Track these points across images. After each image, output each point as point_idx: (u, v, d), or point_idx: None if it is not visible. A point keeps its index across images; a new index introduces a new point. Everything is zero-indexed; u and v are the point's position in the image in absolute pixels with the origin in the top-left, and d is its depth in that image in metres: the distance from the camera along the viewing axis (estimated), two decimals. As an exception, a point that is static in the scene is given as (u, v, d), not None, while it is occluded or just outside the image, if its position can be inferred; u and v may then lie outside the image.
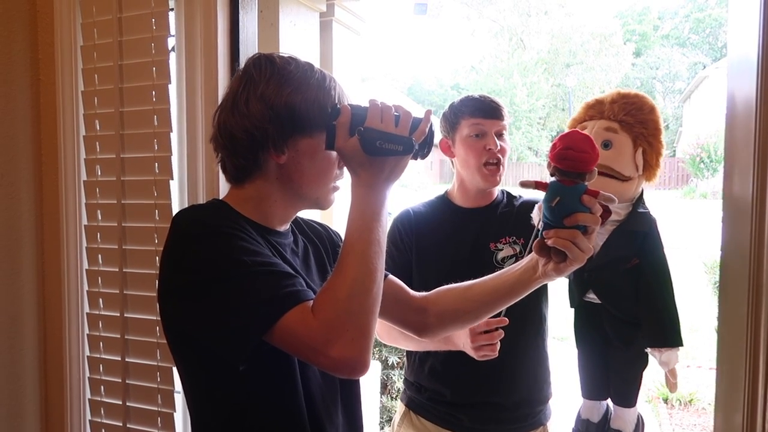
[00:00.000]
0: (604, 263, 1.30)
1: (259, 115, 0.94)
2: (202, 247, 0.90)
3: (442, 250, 1.57)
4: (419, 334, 1.20)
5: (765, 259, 0.96)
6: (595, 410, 1.43)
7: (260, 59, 0.98)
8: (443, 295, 1.17)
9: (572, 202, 0.96)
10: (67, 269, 1.57)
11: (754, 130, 0.97)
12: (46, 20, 1.57)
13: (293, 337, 0.84)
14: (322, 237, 1.17)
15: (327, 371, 0.89)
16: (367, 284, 0.86)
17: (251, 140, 0.95)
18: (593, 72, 26.42)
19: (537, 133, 25.49)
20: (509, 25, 28.28)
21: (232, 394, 0.95)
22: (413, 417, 1.65)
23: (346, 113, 0.93)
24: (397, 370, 3.58)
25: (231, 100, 0.97)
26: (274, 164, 0.97)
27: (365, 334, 0.84)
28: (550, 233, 0.97)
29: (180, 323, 0.95)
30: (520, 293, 1.10)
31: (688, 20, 28.84)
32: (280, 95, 0.94)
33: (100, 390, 1.56)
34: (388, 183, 0.93)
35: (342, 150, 0.93)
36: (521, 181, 1.04)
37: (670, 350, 1.29)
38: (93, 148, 1.52)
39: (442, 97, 28.29)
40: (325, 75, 0.99)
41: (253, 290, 0.86)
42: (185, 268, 0.91)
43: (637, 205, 1.32)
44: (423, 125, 0.95)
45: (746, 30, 1.02)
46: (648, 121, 1.30)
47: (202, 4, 1.37)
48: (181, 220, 0.97)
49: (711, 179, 14.64)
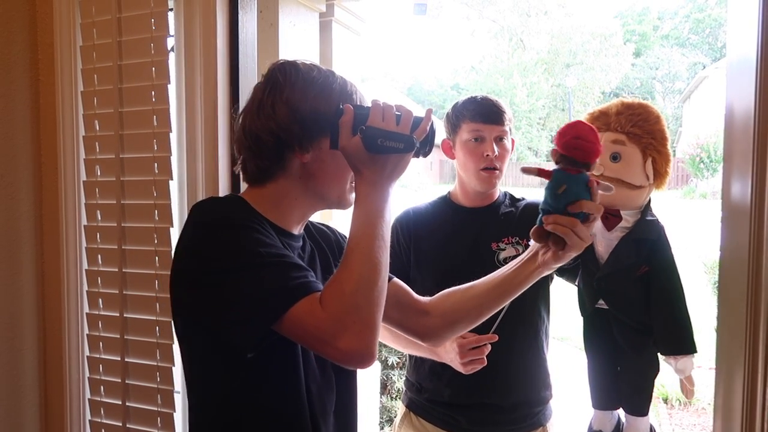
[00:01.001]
0: (613, 271, 1.29)
1: (285, 117, 0.98)
2: (219, 236, 0.93)
3: (442, 248, 1.57)
4: (423, 339, 1.21)
5: (764, 260, 0.96)
6: (607, 421, 1.41)
7: (285, 65, 1.02)
8: (445, 298, 1.18)
9: (577, 190, 0.99)
10: (67, 269, 1.57)
11: (753, 131, 0.97)
12: (45, 21, 1.57)
13: (302, 327, 0.87)
14: (329, 240, 1.19)
15: (335, 362, 0.91)
16: (372, 278, 0.89)
17: (277, 141, 0.99)
18: (593, 72, 26.40)
19: (537, 133, 25.49)
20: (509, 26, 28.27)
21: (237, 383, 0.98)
22: (413, 418, 1.65)
23: (349, 113, 0.96)
24: (396, 370, 3.58)
25: (256, 104, 1.01)
26: (298, 163, 1.01)
27: (371, 327, 0.87)
28: (549, 219, 1.00)
29: (193, 310, 0.97)
30: (522, 286, 1.11)
31: (688, 20, 28.85)
32: (305, 99, 0.98)
33: (99, 390, 1.56)
34: (391, 180, 0.96)
35: (345, 148, 0.96)
36: (523, 167, 1.07)
37: (686, 357, 1.28)
38: (92, 149, 1.52)
39: (442, 97, 28.29)
40: (346, 80, 1.03)
41: (266, 280, 0.89)
42: (202, 256, 0.94)
43: (645, 213, 1.31)
44: (424, 124, 0.97)
45: (745, 31, 1.02)
46: (656, 132, 1.28)
47: (201, 4, 1.37)
48: (200, 210, 1.01)
49: (711, 179, 14.63)
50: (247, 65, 1.43)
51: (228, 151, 1.40)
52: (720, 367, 1.17)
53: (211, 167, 1.39)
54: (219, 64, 1.38)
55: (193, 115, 1.40)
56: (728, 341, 1.11)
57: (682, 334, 1.28)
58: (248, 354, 0.91)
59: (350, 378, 1.11)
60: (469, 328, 1.21)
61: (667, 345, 1.30)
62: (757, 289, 0.98)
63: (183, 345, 1.04)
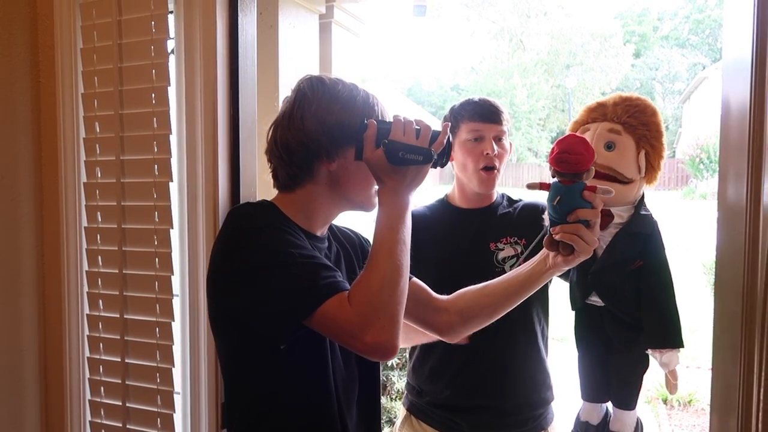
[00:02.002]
0: (609, 265, 1.30)
1: (313, 129, 1.06)
2: (254, 239, 1.02)
3: (441, 249, 1.58)
4: (441, 334, 1.29)
5: (759, 261, 0.97)
6: (595, 412, 1.43)
7: (312, 80, 1.11)
8: (461, 296, 1.27)
9: (572, 200, 1.08)
10: (67, 271, 1.57)
11: (748, 133, 0.98)
12: (46, 23, 1.58)
13: (332, 322, 0.95)
14: (353, 242, 1.28)
15: (361, 354, 0.99)
16: (395, 278, 0.97)
17: (306, 151, 1.07)
18: (593, 73, 26.39)
19: (537, 134, 25.47)
20: (509, 26, 28.26)
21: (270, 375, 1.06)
22: (414, 421, 1.65)
23: (373, 128, 1.05)
24: (397, 370, 3.59)
25: (287, 117, 1.09)
26: (325, 171, 1.09)
27: (394, 322, 0.95)
28: (556, 229, 1.10)
29: (231, 309, 1.05)
30: (534, 286, 1.20)
31: (688, 21, 28.84)
32: (331, 112, 1.07)
33: (100, 391, 1.56)
34: (411, 189, 1.05)
35: (369, 160, 1.04)
36: (528, 183, 1.16)
37: (671, 351, 1.30)
38: (93, 150, 1.53)
39: (442, 98, 28.28)
40: (368, 93, 1.11)
41: (299, 278, 0.97)
42: (239, 257, 1.02)
43: (639, 208, 1.33)
44: (441, 137, 1.07)
45: (740, 33, 1.02)
46: (651, 124, 1.31)
47: (201, 6, 1.38)
48: (236, 215, 1.11)
49: (710, 180, 14.62)
50: (247, 67, 1.44)
51: (228, 152, 1.41)
52: (716, 367, 1.18)
53: (211, 169, 1.40)
54: (219, 66, 1.38)
55: (193, 117, 1.41)
56: (724, 342, 1.11)
57: (670, 327, 1.30)
58: (281, 345, 1.00)
59: (373, 371, 1.20)
60: (484, 325, 1.28)
61: (654, 338, 1.31)
62: (752, 290, 0.98)
63: (219, 341, 1.13)
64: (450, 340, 1.38)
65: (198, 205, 1.40)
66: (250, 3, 1.46)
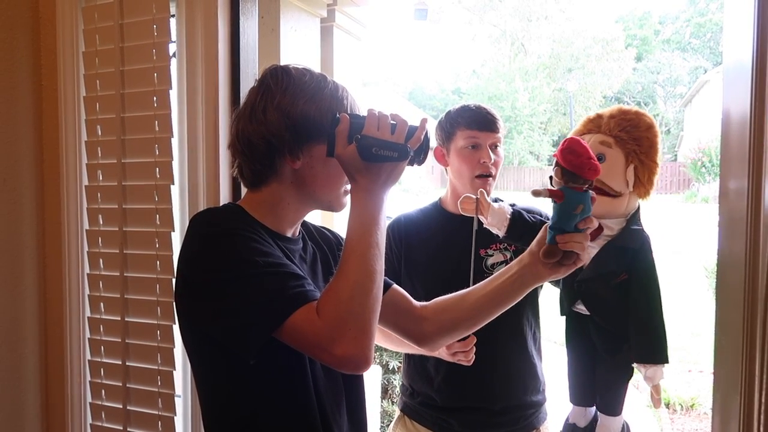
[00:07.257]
0: (593, 276, 1.31)
1: (276, 123, 0.98)
2: (218, 247, 0.95)
3: (432, 255, 1.59)
4: (419, 344, 1.22)
5: (760, 265, 0.97)
6: (582, 416, 1.44)
7: (277, 71, 1.02)
8: (440, 306, 1.19)
9: (587, 207, 1.03)
10: (69, 273, 1.58)
11: (749, 137, 0.98)
12: (48, 27, 1.59)
13: (300, 334, 0.89)
14: (330, 242, 1.21)
15: (332, 367, 0.92)
16: (367, 285, 0.90)
17: (268, 147, 1.00)
18: (594, 77, 26.41)
19: (538, 137, 25.49)
20: (510, 30, 28.31)
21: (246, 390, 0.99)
22: (407, 421, 1.67)
23: (345, 122, 0.97)
24: (397, 374, 3.58)
25: (249, 109, 1.01)
26: (289, 169, 1.02)
27: (366, 333, 0.89)
28: (565, 238, 1.02)
29: (196, 321, 0.99)
30: (516, 297, 1.12)
31: (689, 25, 28.85)
32: (295, 105, 0.99)
33: (100, 393, 1.56)
34: (385, 188, 0.97)
35: (341, 157, 0.97)
36: (533, 190, 1.07)
37: (656, 366, 1.30)
38: (94, 153, 1.53)
39: (444, 101, 28.31)
40: (338, 85, 1.04)
41: (264, 289, 0.91)
42: (201, 267, 0.95)
43: (631, 222, 1.33)
44: (418, 133, 0.98)
45: (741, 37, 1.02)
46: (642, 139, 1.30)
47: (202, 10, 1.39)
48: (198, 221, 1.02)
49: (712, 183, 14.61)
50: (248, 70, 1.45)
51: (229, 155, 1.41)
52: (718, 371, 1.17)
53: (213, 172, 1.40)
54: (220, 69, 1.39)
55: (195, 120, 1.41)
56: (725, 345, 1.11)
57: (655, 343, 1.30)
58: (251, 361, 0.92)
59: (357, 377, 1.13)
60: (464, 336, 1.23)
61: (639, 352, 1.31)
62: (754, 294, 0.98)
63: (190, 352, 1.05)
64: (429, 351, 1.37)
65: (199, 209, 1.40)
66: (252, 6, 1.46)
